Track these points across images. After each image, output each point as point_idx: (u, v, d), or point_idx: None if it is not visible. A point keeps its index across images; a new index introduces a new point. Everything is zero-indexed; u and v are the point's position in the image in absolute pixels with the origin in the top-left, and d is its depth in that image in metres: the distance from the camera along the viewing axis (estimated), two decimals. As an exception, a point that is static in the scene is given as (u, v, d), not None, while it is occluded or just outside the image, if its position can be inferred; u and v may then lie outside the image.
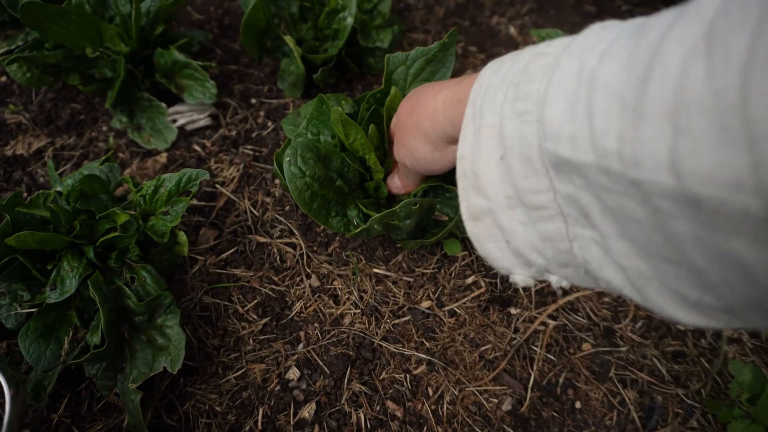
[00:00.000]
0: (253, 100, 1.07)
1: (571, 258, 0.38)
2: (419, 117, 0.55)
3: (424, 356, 0.78)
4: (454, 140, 0.53)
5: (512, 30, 1.29)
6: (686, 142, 0.25)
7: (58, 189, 0.78)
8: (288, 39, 0.96)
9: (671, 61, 0.26)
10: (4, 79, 1.09)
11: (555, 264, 0.40)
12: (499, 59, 0.45)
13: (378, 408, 0.74)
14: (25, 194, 0.91)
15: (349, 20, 0.97)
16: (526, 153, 0.36)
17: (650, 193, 0.28)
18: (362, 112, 0.73)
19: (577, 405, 0.76)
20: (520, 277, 0.44)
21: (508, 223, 0.40)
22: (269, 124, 1.03)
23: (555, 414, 0.76)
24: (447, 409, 0.75)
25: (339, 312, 0.81)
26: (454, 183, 0.56)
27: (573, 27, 1.31)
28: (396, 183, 0.74)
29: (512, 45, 1.25)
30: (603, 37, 0.33)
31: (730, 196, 0.24)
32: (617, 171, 0.29)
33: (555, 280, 0.42)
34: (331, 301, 0.82)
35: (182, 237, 0.77)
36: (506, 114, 0.38)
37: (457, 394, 0.76)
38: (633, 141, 0.27)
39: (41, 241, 0.67)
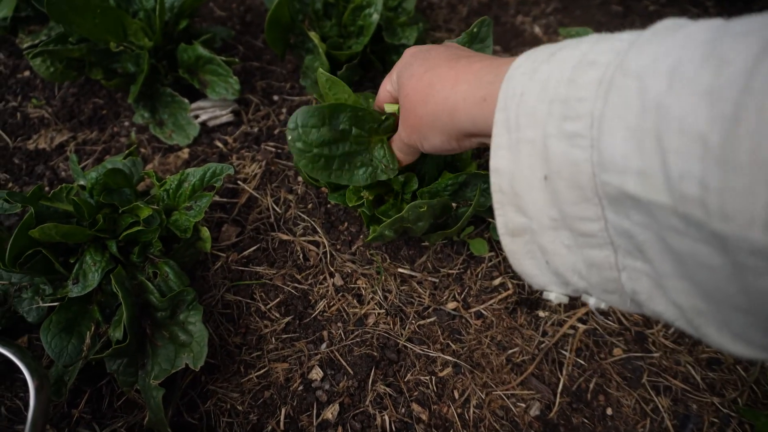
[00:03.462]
0: (276, 97, 1.06)
1: (617, 287, 0.35)
2: (435, 109, 0.51)
3: (450, 358, 0.76)
4: (473, 135, 0.49)
5: (537, 29, 1.27)
6: None
7: (81, 183, 0.77)
8: (313, 35, 0.95)
9: (766, 106, 0.22)
10: (27, 73, 1.09)
11: (598, 290, 0.37)
12: (530, 54, 0.40)
13: (403, 410, 0.72)
14: (47, 188, 0.91)
15: (375, 17, 0.95)
16: (576, 179, 0.33)
17: (737, 247, 0.25)
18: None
19: (608, 412, 0.74)
20: (555, 295, 0.41)
21: (551, 245, 0.38)
22: (291, 121, 1.02)
23: (585, 420, 0.73)
24: (473, 413, 0.73)
25: (363, 312, 0.79)
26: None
27: (599, 27, 1.29)
28: (394, 146, 0.69)
29: (537, 44, 1.23)
30: (663, 51, 0.29)
31: None
32: (698, 219, 0.26)
33: (593, 302, 0.39)
34: (354, 301, 0.80)
35: (205, 233, 0.76)
36: (551, 132, 0.34)
37: (483, 397, 0.74)
38: (720, 192, 0.24)
39: (65, 233, 0.66)
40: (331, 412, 0.71)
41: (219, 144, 0.98)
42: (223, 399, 0.72)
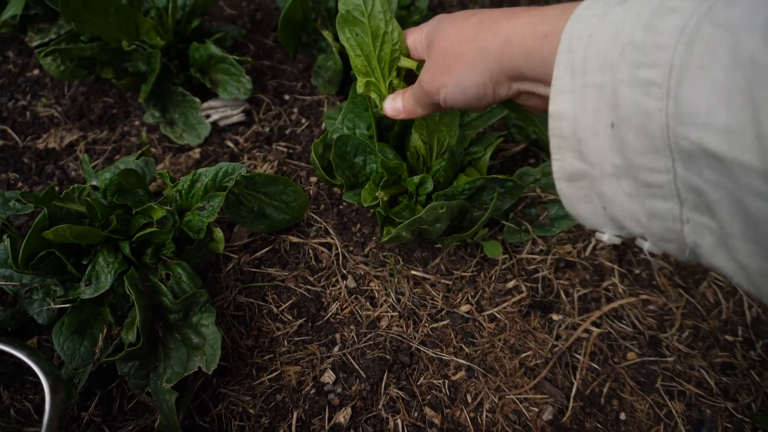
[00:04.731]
0: (287, 97, 1.06)
1: (678, 237, 0.34)
2: (483, 44, 0.46)
3: (463, 362, 0.76)
4: (521, 77, 0.45)
5: (548, 30, 1.26)
6: None
7: (94, 183, 0.77)
8: (326, 34, 0.94)
9: None
10: (36, 72, 1.08)
11: (656, 238, 0.36)
12: None
13: (416, 414, 0.72)
14: (57, 188, 0.90)
15: (388, 16, 0.94)
16: (647, 129, 0.32)
17: None
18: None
19: (622, 416, 0.73)
20: (607, 236, 0.41)
21: (611, 192, 0.37)
22: (303, 120, 1.01)
23: (598, 425, 0.73)
24: (486, 417, 0.72)
25: (376, 314, 0.78)
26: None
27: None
28: (397, 105, 0.63)
29: (548, 45, 1.22)
30: (756, 4, 0.27)
31: None
32: None
33: (647, 246, 0.39)
34: (367, 303, 0.79)
35: (218, 234, 0.75)
36: (623, 78, 0.33)
37: (496, 401, 0.73)
38: None
39: (79, 234, 0.65)
40: (343, 416, 0.70)
41: (230, 144, 0.98)
42: (234, 402, 0.72)
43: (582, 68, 0.36)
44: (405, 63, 0.63)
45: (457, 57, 0.49)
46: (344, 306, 0.79)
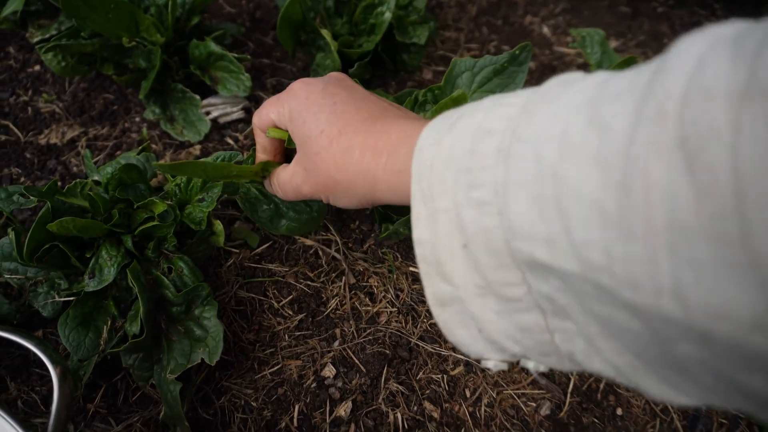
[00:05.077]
0: (286, 95, 1.06)
1: (553, 349, 0.34)
2: (355, 178, 0.49)
3: (462, 357, 0.77)
4: (391, 202, 0.50)
5: (546, 30, 1.28)
6: (690, 273, 0.21)
7: (96, 178, 0.78)
8: (325, 33, 0.95)
9: (651, 174, 0.22)
10: (37, 68, 1.09)
11: (535, 353, 0.36)
12: (434, 125, 0.41)
13: (415, 408, 0.72)
14: (59, 183, 0.91)
15: (388, 15, 0.95)
16: (491, 246, 0.33)
17: (650, 316, 0.24)
18: (408, 107, 0.72)
19: (619, 412, 0.75)
20: (493, 363, 0.40)
21: (480, 312, 0.36)
22: (302, 118, 1.02)
23: (595, 420, 0.74)
24: (485, 411, 0.73)
25: (375, 310, 0.79)
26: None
27: (607, 28, 1.29)
28: (281, 189, 0.62)
29: (546, 45, 1.24)
30: (551, 116, 0.29)
31: (749, 335, 0.20)
32: (608, 287, 0.25)
33: (533, 366, 0.39)
34: (367, 299, 0.80)
35: (218, 226, 0.76)
36: (461, 201, 0.34)
37: (494, 396, 0.74)
38: (624, 260, 0.24)
39: (82, 227, 0.66)
40: (344, 410, 0.71)
41: (230, 141, 0.99)
42: (237, 395, 0.72)
43: (430, 195, 0.37)
44: (275, 134, 0.62)
45: (333, 182, 0.52)
46: (344, 302, 0.80)
